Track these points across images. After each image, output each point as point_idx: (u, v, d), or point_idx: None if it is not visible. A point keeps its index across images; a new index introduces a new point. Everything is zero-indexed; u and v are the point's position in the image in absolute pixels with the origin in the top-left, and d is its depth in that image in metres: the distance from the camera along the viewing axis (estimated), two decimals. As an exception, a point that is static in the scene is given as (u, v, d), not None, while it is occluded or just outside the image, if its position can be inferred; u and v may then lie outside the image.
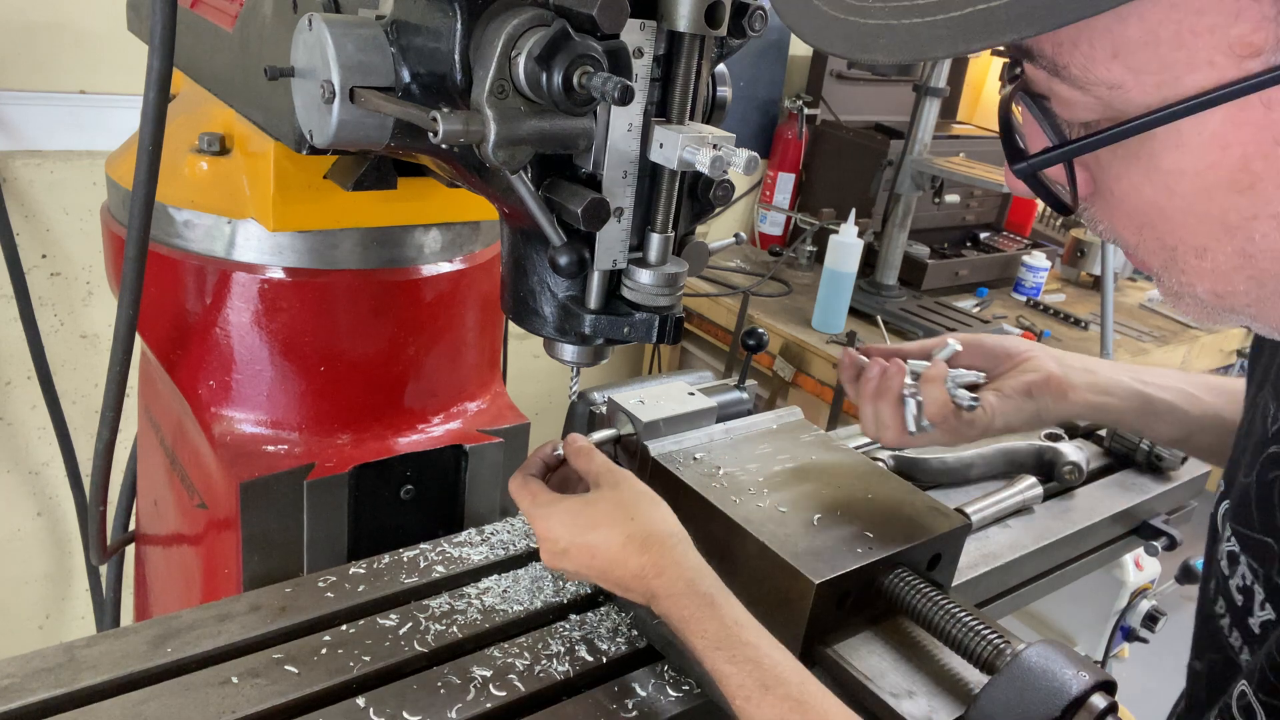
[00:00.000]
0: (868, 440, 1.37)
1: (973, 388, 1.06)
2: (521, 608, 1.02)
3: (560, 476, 1.04)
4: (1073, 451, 1.32)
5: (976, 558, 1.15)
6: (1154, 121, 0.51)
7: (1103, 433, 1.47)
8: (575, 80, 0.69)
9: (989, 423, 1.04)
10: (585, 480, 0.97)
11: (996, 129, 0.62)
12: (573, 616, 1.02)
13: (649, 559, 0.86)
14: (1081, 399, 1.06)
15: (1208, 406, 1.08)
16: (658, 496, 0.93)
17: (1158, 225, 0.57)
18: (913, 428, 1.03)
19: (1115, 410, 1.08)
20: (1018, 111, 0.60)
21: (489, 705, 0.88)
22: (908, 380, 1.04)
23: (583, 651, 0.97)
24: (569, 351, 0.89)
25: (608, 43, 0.71)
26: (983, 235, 3.27)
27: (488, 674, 0.91)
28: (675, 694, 0.92)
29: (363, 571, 1.05)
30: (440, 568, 1.07)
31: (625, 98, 0.68)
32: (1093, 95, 0.53)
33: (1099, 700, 0.79)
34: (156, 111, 0.94)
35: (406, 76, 0.77)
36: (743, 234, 1.11)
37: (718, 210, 0.89)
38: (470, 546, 1.11)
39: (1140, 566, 2.07)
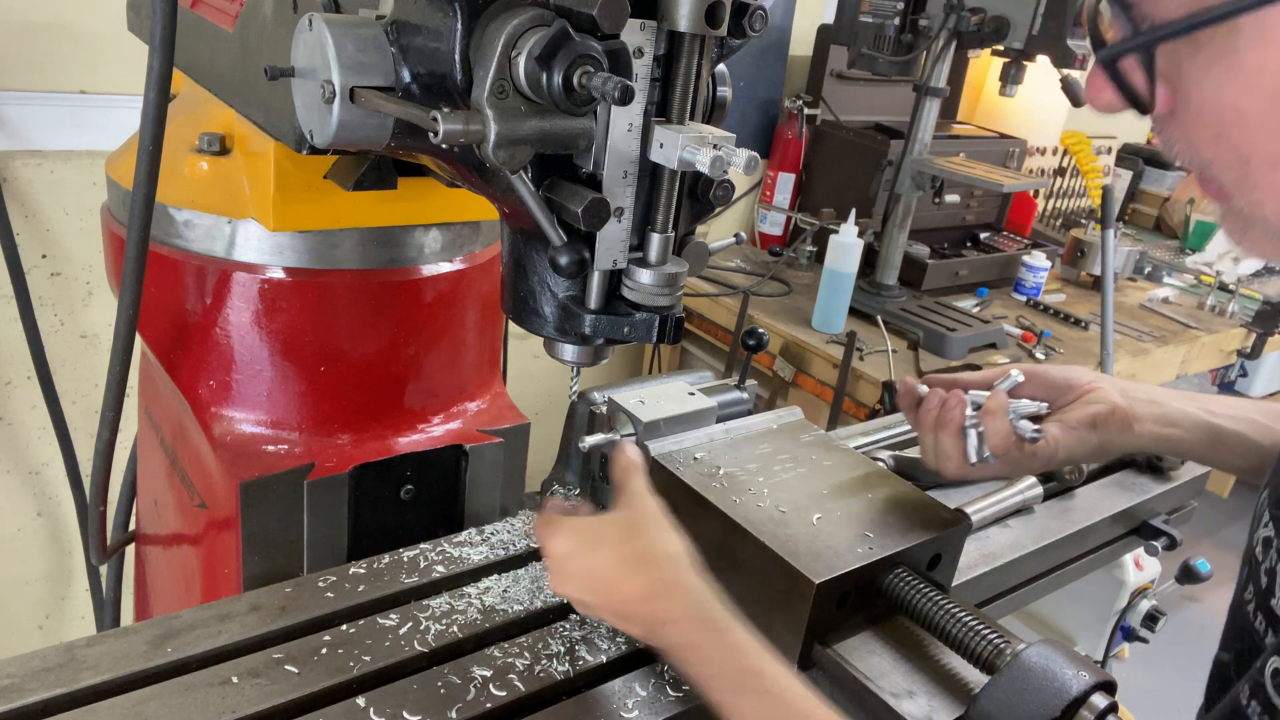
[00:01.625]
0: (868, 440, 1.37)
1: (1035, 419, 1.05)
2: (521, 608, 1.02)
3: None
4: (1073, 451, 1.31)
5: (976, 558, 1.15)
6: (1241, 7, 0.51)
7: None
8: (575, 80, 0.69)
9: (1052, 454, 1.02)
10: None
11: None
12: (573, 616, 1.02)
13: (646, 580, 0.82)
14: (1147, 431, 1.04)
15: (1279, 436, 1.05)
16: (666, 520, 0.88)
17: (1234, 133, 0.56)
18: (974, 459, 1.03)
19: (1182, 442, 1.06)
20: (1104, 23, 0.60)
21: (489, 705, 0.88)
22: (969, 411, 1.04)
23: (583, 651, 0.97)
24: (569, 351, 0.89)
25: (608, 43, 0.71)
26: (983, 235, 3.27)
27: (488, 674, 0.91)
28: (675, 694, 0.92)
29: (363, 571, 1.05)
30: (440, 568, 1.07)
31: (625, 98, 0.68)
32: None
33: (1099, 700, 0.79)
34: (156, 111, 0.94)
35: (407, 76, 0.77)
36: (743, 234, 1.11)
37: (718, 210, 0.89)
38: (470, 546, 1.11)
39: (1140, 566, 2.07)
